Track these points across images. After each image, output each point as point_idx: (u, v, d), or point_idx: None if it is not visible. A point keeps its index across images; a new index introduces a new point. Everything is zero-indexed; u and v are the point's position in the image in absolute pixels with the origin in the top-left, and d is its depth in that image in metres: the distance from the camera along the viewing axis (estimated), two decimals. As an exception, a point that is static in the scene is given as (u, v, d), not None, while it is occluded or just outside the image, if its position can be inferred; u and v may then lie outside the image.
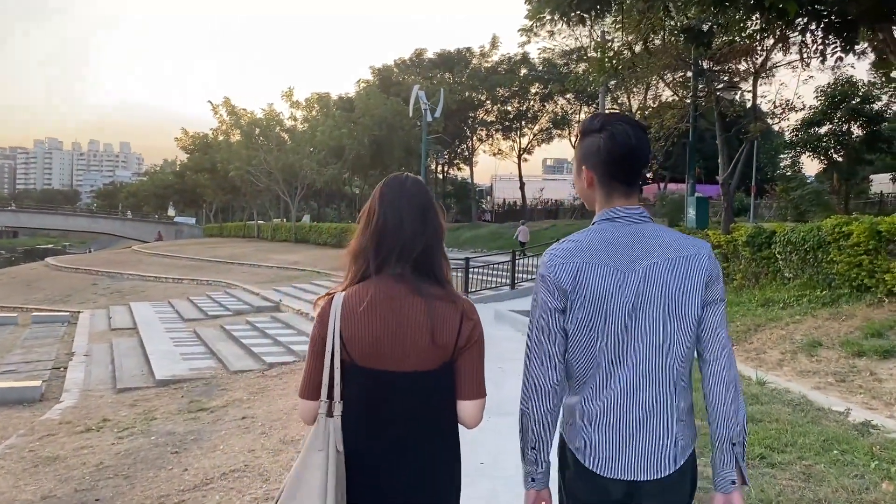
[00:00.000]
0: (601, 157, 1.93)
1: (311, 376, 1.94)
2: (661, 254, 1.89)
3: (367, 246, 1.96)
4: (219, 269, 34.09)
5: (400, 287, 1.91)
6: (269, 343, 15.38)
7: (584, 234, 1.97)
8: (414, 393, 1.89)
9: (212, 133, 55.60)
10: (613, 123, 1.95)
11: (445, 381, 1.92)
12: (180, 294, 27.65)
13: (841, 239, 10.91)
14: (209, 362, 14.37)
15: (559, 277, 1.87)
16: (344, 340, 1.88)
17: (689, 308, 1.87)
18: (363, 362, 1.88)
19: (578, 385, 1.93)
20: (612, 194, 1.95)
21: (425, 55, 50.79)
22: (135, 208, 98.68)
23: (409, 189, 2.00)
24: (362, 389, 1.89)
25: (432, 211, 2.00)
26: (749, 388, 6.95)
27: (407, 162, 40.89)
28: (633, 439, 1.88)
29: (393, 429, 1.89)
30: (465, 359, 1.93)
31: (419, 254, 1.94)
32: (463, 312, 1.93)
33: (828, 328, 9.12)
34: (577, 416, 1.93)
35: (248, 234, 56.20)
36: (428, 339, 1.88)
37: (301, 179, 44.48)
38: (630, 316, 1.86)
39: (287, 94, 45.15)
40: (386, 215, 1.95)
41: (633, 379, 1.87)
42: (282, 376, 12.31)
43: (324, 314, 1.93)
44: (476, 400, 1.94)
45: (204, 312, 21.62)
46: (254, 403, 10.46)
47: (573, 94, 44.11)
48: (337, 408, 1.89)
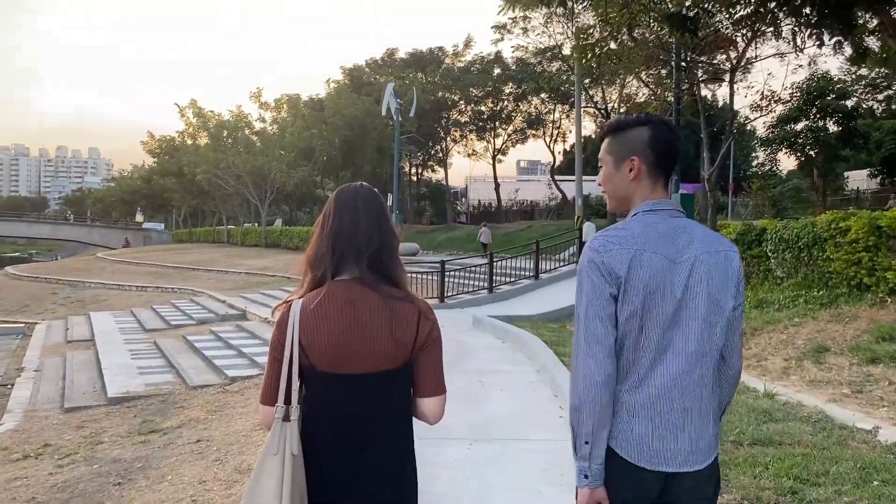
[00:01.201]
0: (651, 146, 1.96)
1: (270, 382, 1.97)
2: (702, 247, 1.92)
3: (325, 250, 1.97)
4: (185, 276, 32.95)
5: (358, 289, 1.93)
6: (232, 355, 14.45)
7: (631, 222, 1.95)
8: (374, 394, 1.92)
9: (178, 136, 54.22)
10: (654, 119, 2.01)
11: (404, 380, 1.96)
12: (144, 303, 26.54)
13: (838, 235, 10.31)
14: (167, 377, 13.42)
15: (613, 264, 1.87)
16: (303, 346, 1.89)
17: (726, 302, 1.92)
18: (323, 366, 1.90)
19: (623, 375, 1.91)
20: (657, 185, 1.98)
21: (397, 55, 49.92)
22: (103, 214, 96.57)
23: (364, 195, 2.03)
24: (323, 393, 1.92)
25: (385, 217, 2.03)
26: (757, 401, 6.25)
27: (379, 163, 40.03)
28: (676, 431, 1.88)
29: (354, 430, 1.91)
30: (424, 357, 1.96)
31: (375, 255, 1.96)
32: (420, 312, 1.96)
33: (832, 331, 8.47)
34: (617, 407, 1.89)
35: (217, 239, 54.90)
36: (388, 340, 1.90)
37: (270, 182, 43.36)
38: (679, 306, 1.87)
39: (256, 95, 44.07)
40: (342, 218, 1.98)
41: (679, 369, 1.88)
42: (244, 391, 11.41)
43: (282, 321, 1.94)
44: (437, 396, 1.98)
45: (167, 322, 20.60)
46: (211, 424, 9.57)
47: (547, 94, 43.56)
48: (294, 412, 1.90)
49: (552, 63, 39.63)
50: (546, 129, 47.67)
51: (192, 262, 37.66)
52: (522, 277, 16.83)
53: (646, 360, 1.88)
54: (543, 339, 9.76)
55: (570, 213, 41.07)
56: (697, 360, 1.89)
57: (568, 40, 31.98)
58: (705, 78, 14.06)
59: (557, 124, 46.68)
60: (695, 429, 1.89)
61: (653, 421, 1.87)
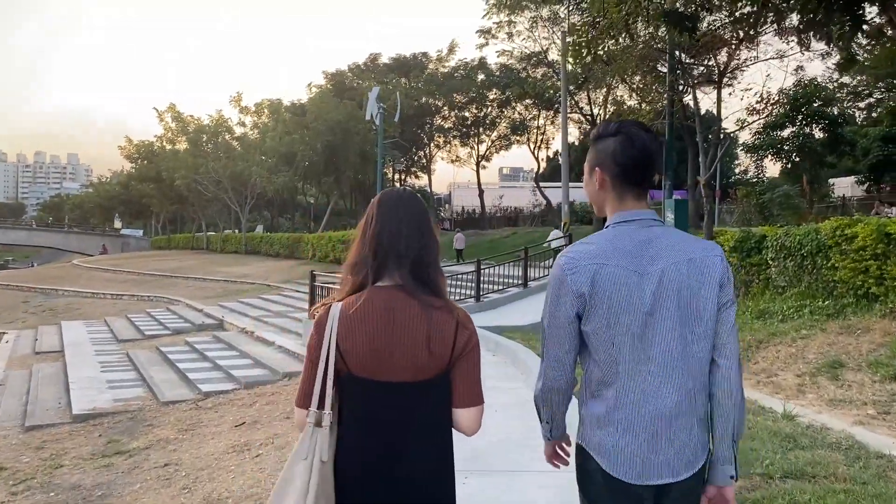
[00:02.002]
0: (615, 159, 1.97)
1: (306, 385, 1.93)
2: (675, 255, 1.91)
3: (366, 255, 1.95)
4: (162, 284, 32.08)
5: (397, 297, 1.91)
6: (207, 367, 13.77)
7: (598, 236, 1.97)
8: (410, 402, 1.88)
9: (157, 141, 53.22)
10: (628, 127, 1.99)
11: (441, 390, 1.92)
12: (119, 311, 25.71)
13: (843, 242, 9.85)
14: (138, 391, 12.71)
15: (576, 281, 1.88)
16: (341, 351, 1.87)
17: (705, 309, 1.89)
18: (360, 372, 1.87)
19: (600, 391, 1.92)
20: (624, 197, 1.98)
21: (380, 60, 49.35)
22: (81, 221, 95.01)
23: (407, 200, 2.02)
24: (358, 399, 1.89)
25: (428, 222, 2.01)
26: (777, 424, 5.72)
27: (362, 168, 39.31)
28: (659, 442, 1.86)
29: (389, 439, 1.87)
30: (461, 367, 1.92)
31: (416, 262, 1.95)
32: (458, 322, 1.92)
33: (844, 345, 7.98)
34: (602, 423, 1.91)
35: (196, 246, 53.92)
36: (425, 349, 1.87)
37: (251, 188, 42.54)
38: (648, 318, 1.86)
39: (236, 100, 43.29)
40: (384, 223, 1.96)
41: (655, 381, 1.87)
42: (218, 408, 10.75)
43: (321, 324, 1.92)
44: (474, 407, 1.94)
45: (141, 332, 19.83)
46: (181, 444, 8.90)
47: (531, 100, 43.18)
48: (326, 418, 1.87)
49: (537, 69, 39.25)
50: (530, 136, 47.25)
51: (169, 270, 36.78)
52: (510, 285, 16.27)
53: (623, 375, 1.88)
54: (537, 353, 9.19)
55: (554, 220, 40.66)
56: (673, 370, 1.87)
57: (554, 45, 31.62)
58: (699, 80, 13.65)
59: (542, 130, 46.32)
60: (678, 439, 1.87)
61: (633, 435, 1.87)
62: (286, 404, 10.13)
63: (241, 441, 8.41)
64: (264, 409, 10.08)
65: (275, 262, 35.82)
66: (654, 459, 1.87)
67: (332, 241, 32.60)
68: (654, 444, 1.86)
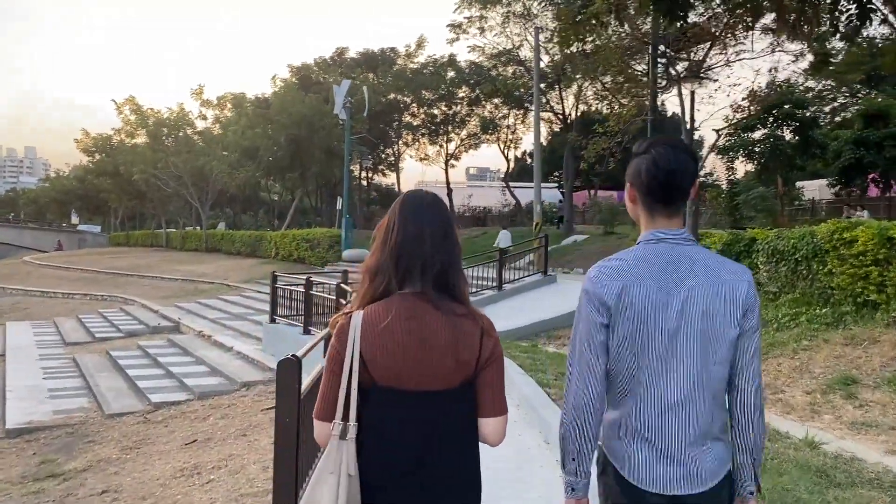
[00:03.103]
0: (642, 178, 2.00)
1: (327, 397, 1.87)
2: (703, 277, 1.93)
3: (387, 262, 1.90)
4: (117, 283, 30.73)
5: (421, 305, 1.87)
6: (159, 375, 12.79)
7: (629, 253, 2.00)
8: (436, 412, 1.85)
9: (115, 134, 51.38)
10: (657, 146, 2.01)
11: (467, 399, 1.89)
12: (69, 311, 24.41)
13: (842, 247, 9.29)
14: (82, 401, 11.70)
15: (604, 293, 1.92)
16: (365, 361, 1.83)
17: (727, 331, 1.92)
18: (384, 382, 1.84)
19: (620, 400, 1.96)
20: (654, 215, 2.01)
21: (347, 54, 48.22)
22: (37, 216, 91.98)
23: (429, 204, 1.97)
24: (383, 410, 1.84)
25: (451, 227, 1.98)
26: (800, 453, 5.05)
27: (328, 164, 38.17)
28: (675, 454, 1.91)
29: (415, 449, 1.83)
30: (487, 376, 1.90)
31: (439, 271, 1.90)
32: (483, 329, 1.90)
33: (852, 358, 7.38)
34: (620, 431, 1.95)
35: (156, 243, 52.19)
36: (451, 358, 1.84)
37: (212, 183, 41.16)
38: (673, 335, 1.90)
39: (197, 93, 41.82)
40: (406, 231, 1.91)
41: (675, 395, 1.90)
42: (168, 422, 9.83)
43: (342, 333, 1.86)
44: (499, 417, 1.91)
45: (91, 334, 18.69)
46: (123, 466, 7.98)
47: (501, 99, 42.55)
48: (351, 430, 1.82)
49: (507, 67, 38.63)
50: (500, 135, 46.64)
51: (126, 268, 35.35)
52: (484, 288, 15.51)
53: (643, 387, 1.92)
54: (518, 364, 8.46)
55: (523, 220, 40.08)
56: (694, 387, 1.91)
57: (526, 42, 30.98)
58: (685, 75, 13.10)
59: (512, 129, 45.74)
60: (695, 452, 1.91)
61: (649, 445, 1.91)
62: (242, 419, 9.26)
63: (191, 463, 7.54)
64: (218, 424, 9.19)
65: (236, 260, 34.62)
66: (671, 471, 1.90)
67: (295, 240, 31.55)
68: (671, 457, 1.90)
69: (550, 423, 5.95)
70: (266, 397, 10.34)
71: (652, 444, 1.90)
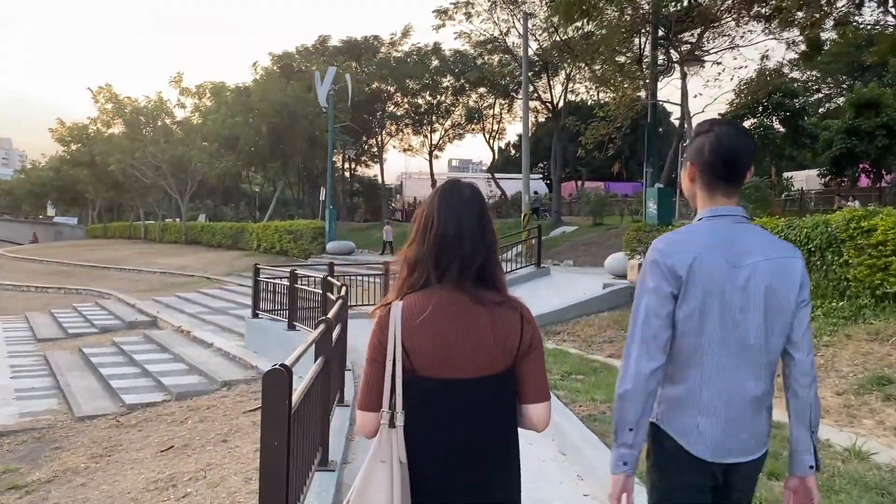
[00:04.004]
0: (705, 156, 2.06)
1: (370, 387, 1.89)
2: (764, 252, 1.99)
3: (426, 256, 1.92)
4: (93, 276, 29.83)
5: (460, 296, 1.88)
6: (134, 373, 12.09)
7: (693, 227, 2.05)
8: (477, 399, 1.87)
9: (91, 123, 50.08)
10: (720, 125, 2.09)
11: (508, 386, 1.91)
12: (42, 306, 23.57)
13: (859, 236, 8.78)
14: (51, 402, 11.00)
15: (675, 264, 1.95)
16: (407, 350, 1.85)
17: (787, 306, 1.99)
18: (426, 371, 1.86)
19: (683, 373, 1.99)
20: (714, 193, 2.06)
21: (330, 42, 47.32)
22: (13, 208, 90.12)
23: (468, 198, 1.97)
24: (425, 398, 1.86)
25: (488, 220, 1.99)
26: (849, 466, 4.53)
27: (311, 154, 37.39)
28: (739, 425, 1.97)
29: (457, 436, 1.86)
30: (528, 363, 1.92)
31: (479, 266, 1.91)
32: (523, 317, 1.92)
33: (882, 356, 6.87)
34: (681, 405, 1.99)
35: (134, 235, 51.10)
36: (492, 346, 1.86)
37: (191, 174, 40.15)
38: (738, 308, 1.95)
39: (176, 80, 40.73)
40: (446, 226, 1.92)
41: (738, 368, 1.96)
42: (143, 425, 9.16)
43: (383, 323, 1.89)
44: (544, 402, 1.94)
45: (64, 330, 17.91)
46: (93, 476, 7.32)
47: (487, 88, 41.90)
48: (399, 418, 1.85)
49: (493, 55, 37.98)
50: (486, 125, 46.02)
51: (103, 260, 34.42)
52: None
53: (708, 359, 1.96)
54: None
55: (509, 212, 39.49)
56: (755, 360, 1.97)
57: (514, 28, 30.34)
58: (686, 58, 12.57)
59: (498, 118, 45.14)
60: (754, 423, 1.99)
61: (714, 416, 1.96)
62: (223, 422, 8.61)
63: (166, 473, 6.89)
64: (197, 428, 8.54)
65: (216, 253, 33.80)
66: (731, 441, 1.97)
67: (278, 232, 30.79)
68: (733, 427, 1.97)
69: (565, 431, 5.38)
70: (248, 398, 9.71)
71: (717, 415, 1.95)
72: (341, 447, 5.04)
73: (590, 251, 23.15)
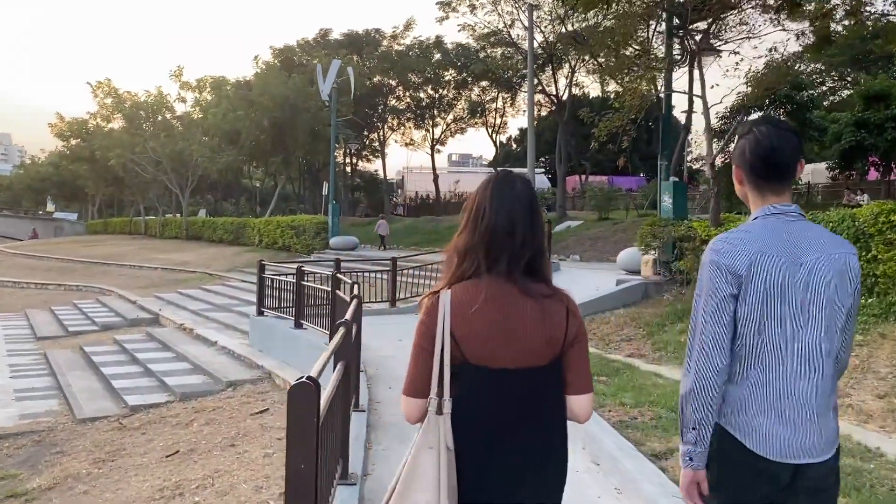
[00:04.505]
0: (746, 158, 2.06)
1: (417, 374, 1.91)
2: (823, 249, 1.98)
3: (477, 247, 1.92)
4: (93, 272, 29.52)
5: (510, 287, 1.90)
6: (137, 373, 11.80)
7: (750, 225, 2.04)
8: (524, 389, 1.88)
9: (91, 118, 49.67)
10: (759, 126, 2.08)
11: (554, 376, 1.92)
12: (42, 303, 23.27)
13: (889, 230, 8.48)
14: (51, 403, 10.71)
15: (735, 263, 1.94)
16: (456, 338, 1.86)
17: (843, 302, 1.98)
18: (475, 360, 1.87)
19: (744, 372, 1.98)
20: (763, 192, 2.05)
21: (331, 35, 46.86)
22: (12, 203, 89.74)
23: (520, 191, 1.97)
24: (472, 386, 1.87)
25: (538, 213, 1.99)
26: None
27: (313, 148, 36.98)
28: (803, 424, 1.94)
29: (503, 425, 1.87)
30: (573, 354, 1.93)
31: (529, 258, 1.93)
32: (569, 309, 1.93)
33: (922, 356, 6.56)
34: (746, 404, 1.97)
35: (134, 231, 50.75)
36: (540, 337, 1.87)
37: (192, 169, 39.78)
38: (800, 306, 1.93)
39: (176, 74, 40.35)
40: (497, 219, 1.93)
41: (801, 366, 1.95)
42: (146, 428, 8.86)
43: (432, 311, 1.89)
44: (588, 394, 1.95)
45: (64, 328, 17.61)
46: (94, 484, 7.02)
47: (490, 82, 41.50)
48: (446, 405, 1.86)
49: (496, 48, 37.59)
50: (488, 119, 45.63)
51: (103, 256, 34.09)
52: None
53: (769, 357, 1.94)
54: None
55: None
56: (820, 359, 1.96)
57: (519, 20, 29.97)
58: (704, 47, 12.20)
59: (501, 112, 44.75)
60: (818, 423, 1.96)
61: (778, 415, 1.94)
62: (230, 425, 8.32)
63: (172, 480, 6.60)
64: (203, 431, 8.24)
65: (218, 248, 33.48)
66: (797, 440, 1.94)
67: (280, 227, 30.45)
68: (797, 426, 1.94)
69: (597, 439, 5.07)
70: (254, 398, 9.41)
71: (782, 415, 1.94)
72: (361, 458, 4.72)
73: (596, 246, 22.87)
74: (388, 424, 6.00)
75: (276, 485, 5.83)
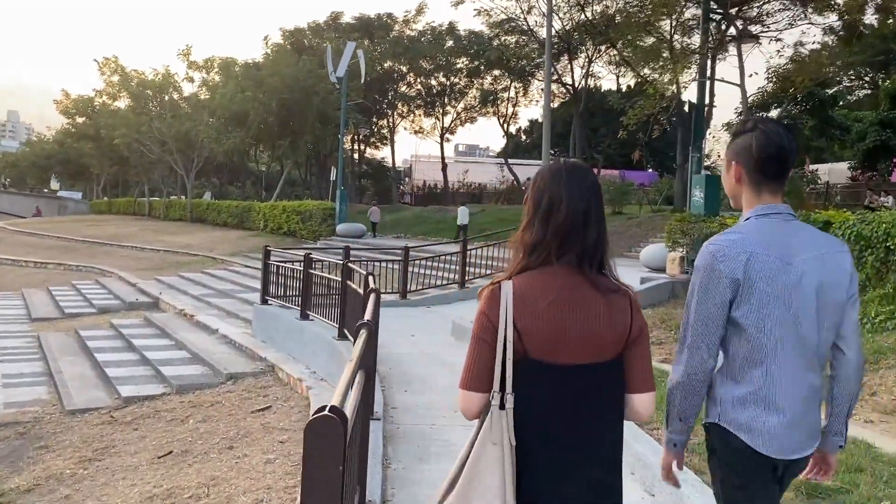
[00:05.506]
0: (752, 154, 2.07)
1: (477, 367, 1.85)
2: (814, 249, 2.03)
3: (549, 242, 1.87)
4: (94, 252, 28.92)
5: (580, 281, 1.85)
6: (132, 361, 11.16)
7: (744, 227, 2.08)
8: (587, 385, 1.84)
9: (97, 96, 48.98)
10: (766, 123, 2.11)
11: (616, 373, 1.88)
12: (41, 282, 22.67)
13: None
14: (40, 391, 10.09)
15: (731, 268, 1.98)
16: (519, 331, 1.82)
17: (838, 300, 2.03)
18: (537, 354, 1.83)
19: (746, 373, 2.02)
20: (761, 190, 2.09)
21: (342, 18, 46.12)
22: (18, 181, 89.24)
23: (591, 183, 1.93)
24: (534, 381, 1.83)
25: (602, 205, 1.95)
26: None
27: (322, 132, 36.27)
28: (801, 420, 2.01)
29: (564, 421, 1.83)
30: (637, 351, 1.88)
31: (599, 252, 1.89)
32: (633, 305, 1.89)
33: None
34: (747, 403, 2.00)
35: (138, 212, 50.15)
36: (605, 332, 1.83)
37: (198, 150, 39.10)
38: (794, 305, 1.98)
39: (185, 53, 39.62)
40: (572, 211, 1.87)
41: (797, 364, 1.99)
42: (138, 423, 8.22)
43: (493, 302, 1.84)
44: (650, 392, 1.90)
45: (60, 309, 17.00)
46: (79, 487, 6.38)
47: (502, 70, 40.70)
48: (509, 400, 1.82)
49: (510, 35, 36.81)
50: (500, 108, 44.84)
51: (105, 236, 33.50)
52: (501, 269, 13.94)
53: (767, 357, 1.98)
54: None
55: (520, 198, 38.33)
56: (811, 355, 2.01)
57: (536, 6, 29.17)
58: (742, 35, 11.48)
59: (514, 101, 43.96)
60: (811, 418, 2.03)
61: (778, 413, 1.97)
62: (229, 423, 7.67)
63: (163, 487, 5.95)
64: (199, 429, 7.59)
65: (222, 231, 32.84)
66: (795, 436, 2.00)
67: (286, 212, 29.80)
68: (795, 423, 1.99)
69: (638, 452, 4.42)
70: (256, 394, 8.76)
71: (782, 413, 1.97)
72: (379, 481, 4.07)
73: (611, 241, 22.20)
74: (406, 435, 5.35)
75: (278, 498, 5.20)
